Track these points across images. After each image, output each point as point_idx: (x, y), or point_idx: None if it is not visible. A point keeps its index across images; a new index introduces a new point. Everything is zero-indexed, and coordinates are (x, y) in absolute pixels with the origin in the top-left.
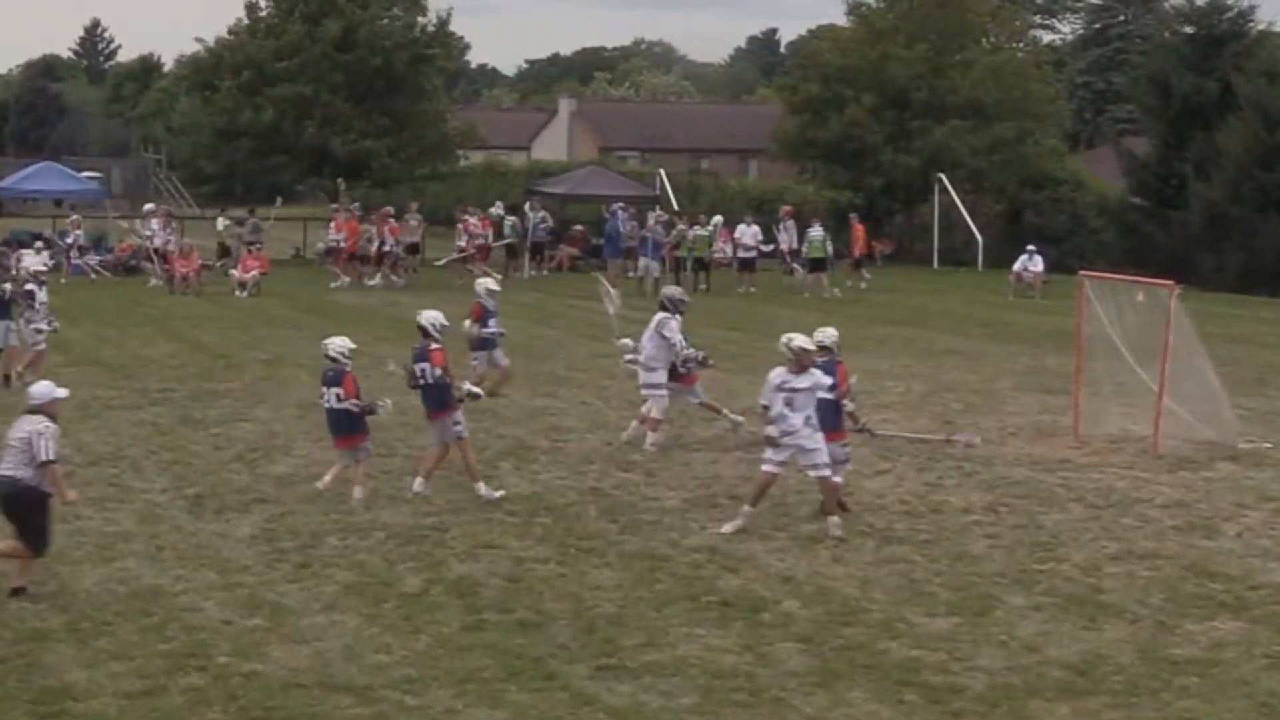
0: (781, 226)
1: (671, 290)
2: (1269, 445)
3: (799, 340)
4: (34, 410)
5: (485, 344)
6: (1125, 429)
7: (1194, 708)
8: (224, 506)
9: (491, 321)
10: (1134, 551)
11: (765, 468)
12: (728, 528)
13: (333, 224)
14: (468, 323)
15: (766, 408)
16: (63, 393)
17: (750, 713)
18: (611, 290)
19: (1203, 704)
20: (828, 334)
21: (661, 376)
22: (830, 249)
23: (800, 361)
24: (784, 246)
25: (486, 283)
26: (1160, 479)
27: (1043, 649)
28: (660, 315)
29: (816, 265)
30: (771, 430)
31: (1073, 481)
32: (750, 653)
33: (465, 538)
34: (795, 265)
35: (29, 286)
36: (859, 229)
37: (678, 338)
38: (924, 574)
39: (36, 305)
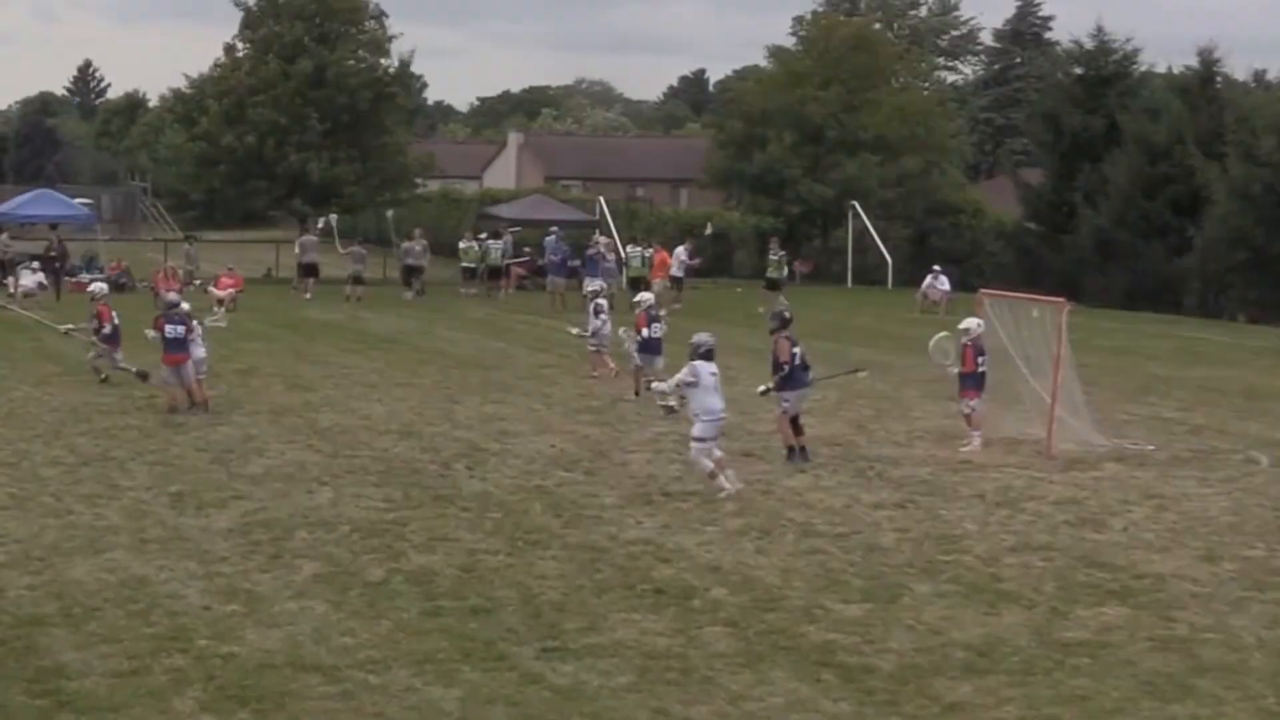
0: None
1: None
2: (1151, 447)
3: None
4: None
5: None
6: (1023, 432)
7: (1085, 685)
8: (204, 503)
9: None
10: (1030, 544)
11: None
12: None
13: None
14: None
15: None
16: None
17: (681, 690)
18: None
19: (1093, 682)
20: None
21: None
22: (786, 270)
23: None
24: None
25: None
26: (1053, 478)
27: (947, 632)
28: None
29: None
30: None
31: (974, 481)
32: (681, 636)
33: (423, 531)
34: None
35: None
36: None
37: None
38: (839, 564)
39: None
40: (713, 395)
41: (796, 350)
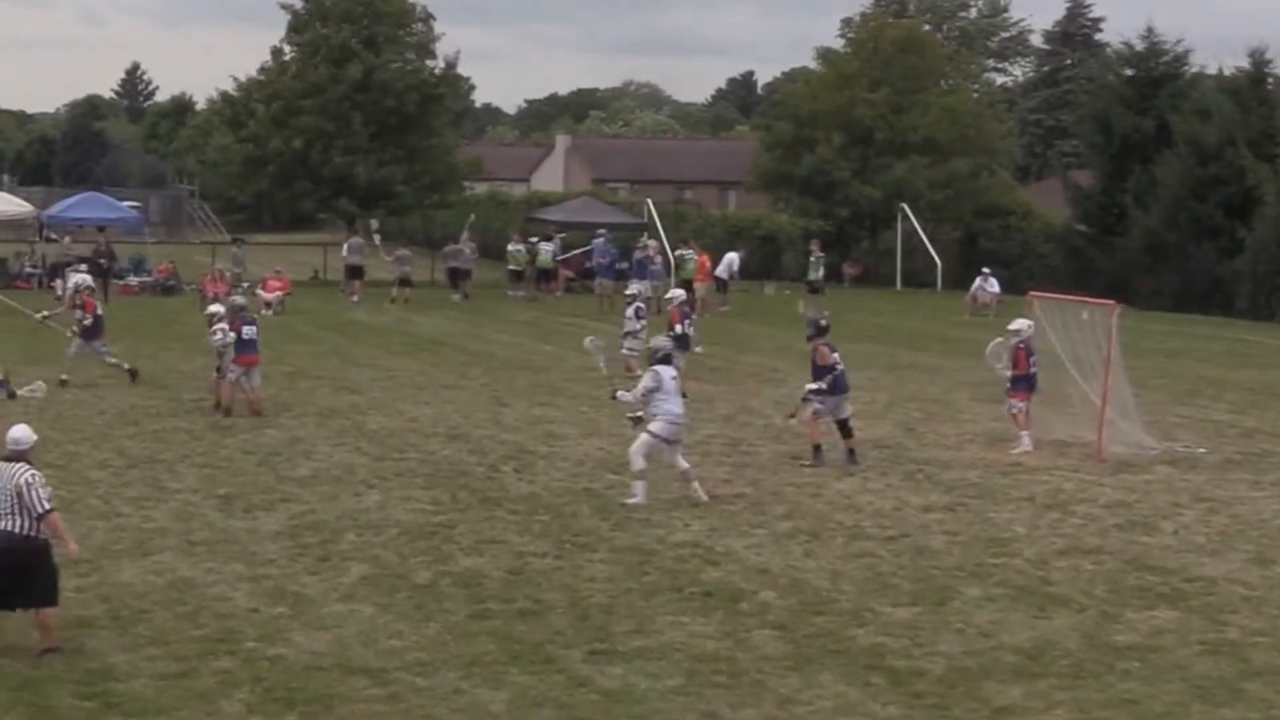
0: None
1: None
2: (1202, 450)
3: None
4: (16, 456)
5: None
6: (1074, 435)
7: (1134, 689)
8: (251, 505)
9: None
10: (1080, 547)
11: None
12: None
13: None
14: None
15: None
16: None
17: (730, 693)
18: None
19: (1143, 686)
20: None
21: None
22: (822, 271)
23: None
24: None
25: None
26: (1103, 481)
27: (996, 635)
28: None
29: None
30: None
31: (1024, 483)
32: (730, 639)
33: (471, 534)
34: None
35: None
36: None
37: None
38: (889, 567)
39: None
40: (674, 399)
41: (836, 355)
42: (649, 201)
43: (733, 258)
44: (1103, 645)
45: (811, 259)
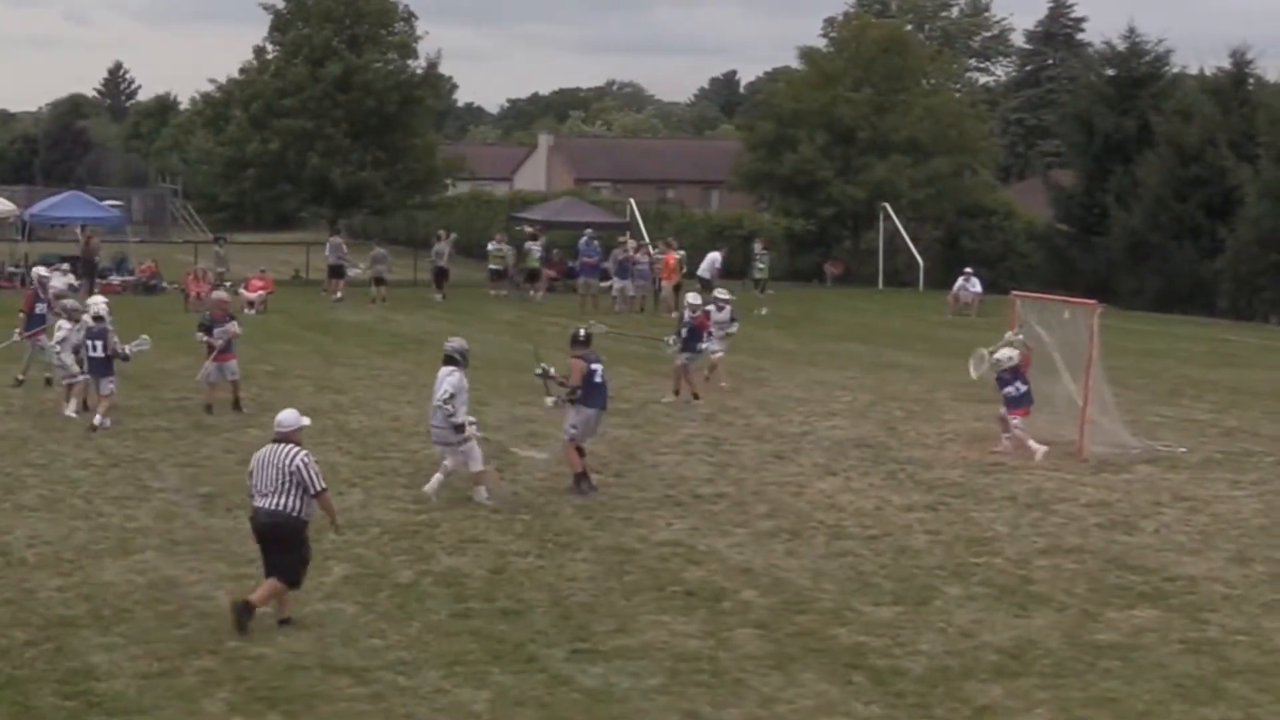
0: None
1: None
2: (1183, 450)
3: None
4: (284, 438)
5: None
6: (1055, 434)
7: (1115, 688)
8: (233, 504)
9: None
10: (1061, 546)
11: None
12: None
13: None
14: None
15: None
16: (307, 421)
17: (712, 693)
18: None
19: (1124, 685)
20: None
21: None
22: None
23: None
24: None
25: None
26: (1084, 480)
27: (978, 635)
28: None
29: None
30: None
31: (1005, 483)
32: (712, 638)
33: (453, 533)
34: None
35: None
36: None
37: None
38: (870, 566)
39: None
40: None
41: (596, 367)
42: (631, 201)
43: (715, 257)
44: (1084, 644)
45: (756, 256)
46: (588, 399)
